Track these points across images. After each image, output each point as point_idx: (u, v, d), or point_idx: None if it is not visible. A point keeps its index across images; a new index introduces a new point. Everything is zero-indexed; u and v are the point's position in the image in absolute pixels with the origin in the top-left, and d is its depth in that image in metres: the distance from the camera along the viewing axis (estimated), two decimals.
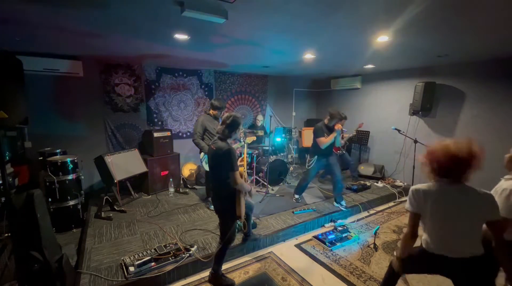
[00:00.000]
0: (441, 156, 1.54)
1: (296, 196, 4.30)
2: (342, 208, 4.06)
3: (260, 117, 6.13)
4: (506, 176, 1.88)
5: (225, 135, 2.38)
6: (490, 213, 1.54)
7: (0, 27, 2.60)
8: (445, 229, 1.61)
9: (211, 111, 3.90)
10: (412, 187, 1.68)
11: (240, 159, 3.22)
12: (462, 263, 1.58)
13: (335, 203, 4.18)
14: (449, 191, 1.58)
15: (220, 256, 2.49)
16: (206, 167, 3.84)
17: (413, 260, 1.75)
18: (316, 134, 3.85)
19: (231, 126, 2.37)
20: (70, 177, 3.36)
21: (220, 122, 2.45)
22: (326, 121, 3.92)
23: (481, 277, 1.59)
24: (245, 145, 3.91)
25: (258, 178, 5.03)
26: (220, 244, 2.48)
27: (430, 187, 1.63)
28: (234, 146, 2.92)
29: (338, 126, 3.80)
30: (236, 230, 2.65)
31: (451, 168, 1.53)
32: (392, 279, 1.95)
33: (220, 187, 2.41)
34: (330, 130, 3.85)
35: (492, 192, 1.80)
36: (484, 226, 1.59)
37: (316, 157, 3.95)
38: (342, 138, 5.28)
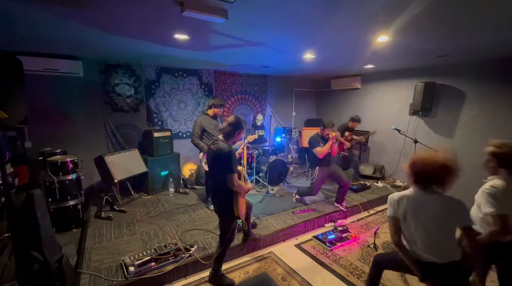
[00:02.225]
0: (429, 165, 1.62)
1: (297, 197, 4.29)
2: (342, 208, 4.06)
3: (260, 117, 6.14)
4: (489, 177, 1.94)
5: (227, 136, 2.38)
6: (464, 220, 1.65)
7: (0, 27, 2.61)
8: (425, 236, 1.67)
9: (209, 111, 3.90)
10: (390, 195, 1.81)
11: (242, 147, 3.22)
12: (443, 269, 1.64)
13: (335, 203, 4.18)
14: (427, 199, 1.67)
15: (220, 256, 2.49)
16: (206, 167, 3.84)
17: (398, 262, 1.79)
18: (312, 145, 3.84)
19: (235, 128, 2.37)
20: (70, 177, 3.36)
21: (222, 123, 2.45)
22: (319, 132, 3.92)
23: (459, 282, 1.66)
24: (246, 141, 3.90)
25: (258, 178, 5.03)
26: (220, 244, 2.48)
27: (408, 195, 1.73)
28: (235, 145, 2.90)
29: (331, 134, 3.80)
30: (236, 230, 2.65)
31: (437, 177, 1.62)
32: (376, 276, 2.01)
33: (219, 188, 2.41)
34: (324, 139, 3.86)
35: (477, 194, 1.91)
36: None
37: (317, 168, 3.90)
38: (350, 140, 5.32)
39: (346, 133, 5.41)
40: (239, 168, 2.45)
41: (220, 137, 2.41)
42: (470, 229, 1.65)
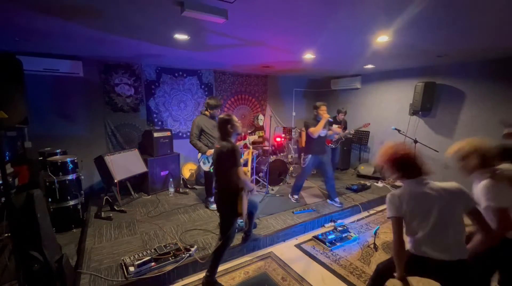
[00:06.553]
0: (400, 155, 1.69)
1: (296, 196, 4.30)
2: (337, 205, 4.09)
3: (261, 117, 6.14)
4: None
5: (223, 137, 2.44)
6: (467, 203, 1.59)
7: (0, 28, 2.61)
8: (432, 229, 1.60)
9: (207, 112, 3.91)
10: (388, 194, 1.75)
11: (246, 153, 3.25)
12: (451, 267, 1.57)
13: (329, 201, 4.22)
14: (427, 190, 1.62)
15: (218, 256, 2.45)
16: (204, 167, 3.85)
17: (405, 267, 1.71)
18: (307, 127, 3.96)
19: (223, 127, 2.43)
20: (70, 177, 3.36)
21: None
22: (313, 116, 4.06)
23: (469, 281, 1.59)
24: (251, 147, 3.93)
25: (258, 178, 5.03)
26: (220, 242, 2.46)
27: (403, 191, 1.69)
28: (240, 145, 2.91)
29: (326, 115, 3.86)
30: (236, 230, 2.64)
31: (412, 163, 1.67)
32: (378, 283, 1.92)
33: (224, 186, 2.42)
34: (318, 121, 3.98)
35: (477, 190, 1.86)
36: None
37: (310, 155, 4.01)
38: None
39: (335, 126, 5.40)
40: (244, 168, 2.47)
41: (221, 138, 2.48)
42: (478, 212, 1.59)
